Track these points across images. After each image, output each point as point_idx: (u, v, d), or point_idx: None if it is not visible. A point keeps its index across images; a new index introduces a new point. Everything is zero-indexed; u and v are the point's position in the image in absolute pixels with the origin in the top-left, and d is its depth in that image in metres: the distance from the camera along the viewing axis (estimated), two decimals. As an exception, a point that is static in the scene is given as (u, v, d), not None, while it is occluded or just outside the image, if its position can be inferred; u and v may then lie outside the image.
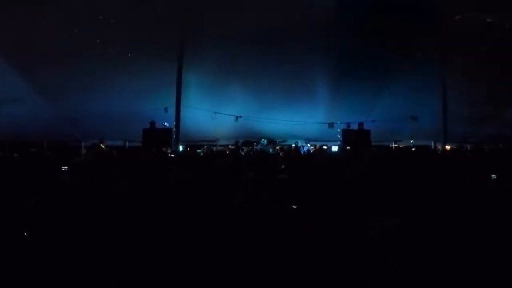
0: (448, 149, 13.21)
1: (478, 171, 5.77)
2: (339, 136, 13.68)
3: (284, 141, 15.25)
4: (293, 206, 4.00)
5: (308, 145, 14.53)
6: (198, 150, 12.56)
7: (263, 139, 14.22)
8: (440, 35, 12.98)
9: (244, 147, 13.75)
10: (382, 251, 2.78)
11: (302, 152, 12.65)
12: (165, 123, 12.98)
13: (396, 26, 12.61)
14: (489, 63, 12.54)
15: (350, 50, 13.01)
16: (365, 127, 13.32)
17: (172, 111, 13.15)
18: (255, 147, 14.00)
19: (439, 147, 13.85)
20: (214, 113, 13.94)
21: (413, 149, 12.81)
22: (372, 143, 13.20)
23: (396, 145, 14.15)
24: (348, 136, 13.24)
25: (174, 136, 12.88)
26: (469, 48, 12.65)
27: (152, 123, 12.67)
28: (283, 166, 6.29)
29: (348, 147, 12.70)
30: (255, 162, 6.54)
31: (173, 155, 10.41)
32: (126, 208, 4.23)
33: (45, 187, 4.33)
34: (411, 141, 13.84)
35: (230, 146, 14.21)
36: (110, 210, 4.08)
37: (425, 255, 2.68)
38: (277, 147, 14.41)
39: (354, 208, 3.83)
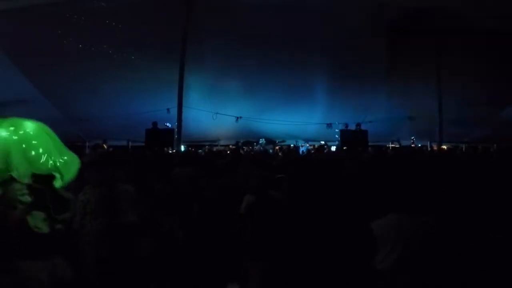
0: (444, 149, 13.40)
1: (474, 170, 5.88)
2: (337, 136, 13.87)
3: (283, 141, 15.45)
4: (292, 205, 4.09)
5: (307, 145, 14.73)
6: (199, 151, 12.75)
7: (261, 139, 14.40)
8: (436, 36, 13.22)
9: (244, 147, 13.96)
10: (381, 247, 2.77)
11: (300, 152, 12.89)
12: (167, 124, 13.19)
13: (393, 27, 12.86)
14: (485, 64, 12.72)
15: (348, 51, 13.25)
16: (363, 127, 13.53)
17: (174, 112, 13.29)
18: (255, 147, 14.19)
19: (435, 147, 14.06)
20: (215, 114, 14.13)
21: (410, 149, 13.05)
22: (370, 143, 13.43)
23: (393, 145, 14.37)
24: (346, 136, 13.43)
25: (176, 136, 13.07)
26: (465, 48, 12.85)
27: (155, 124, 12.86)
28: (278, 165, 6.39)
29: (345, 147, 12.92)
30: (255, 161, 6.70)
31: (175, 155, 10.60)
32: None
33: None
34: (412, 140, 14.00)
35: (230, 146, 14.42)
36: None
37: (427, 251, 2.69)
38: (276, 147, 14.62)
39: (353, 206, 3.86)
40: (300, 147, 14.07)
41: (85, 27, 12.09)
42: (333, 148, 14.05)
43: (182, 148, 13.38)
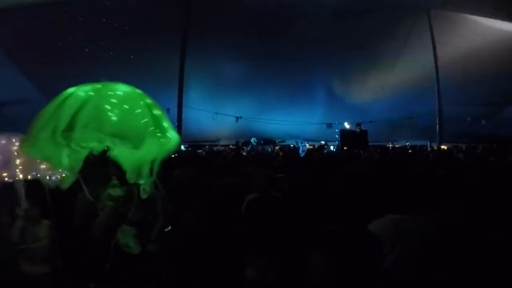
0: (444, 149, 13.40)
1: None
2: (337, 136, 13.87)
3: (283, 141, 15.45)
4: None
5: (307, 144, 14.72)
6: (198, 151, 12.73)
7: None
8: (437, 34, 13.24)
9: (244, 147, 13.94)
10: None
11: (301, 151, 12.87)
12: (167, 124, 13.17)
13: (393, 27, 12.88)
14: (486, 64, 12.73)
15: (349, 51, 13.26)
16: (363, 127, 13.51)
17: (174, 112, 13.26)
18: (249, 148, 14.15)
19: (435, 147, 14.06)
20: (215, 114, 14.12)
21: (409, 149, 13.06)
22: (370, 143, 13.42)
23: (392, 145, 14.38)
24: (346, 136, 13.42)
25: (176, 136, 13.02)
26: (465, 48, 12.86)
27: (155, 124, 12.83)
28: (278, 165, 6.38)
29: (345, 147, 12.92)
30: (255, 161, 6.69)
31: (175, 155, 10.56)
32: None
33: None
34: (408, 145, 14.05)
35: (231, 146, 14.41)
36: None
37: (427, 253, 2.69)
38: (276, 147, 14.61)
39: (352, 206, 3.74)
40: (300, 147, 14.05)
41: (85, 27, 12.08)
42: (333, 148, 14.06)
43: (182, 148, 13.36)
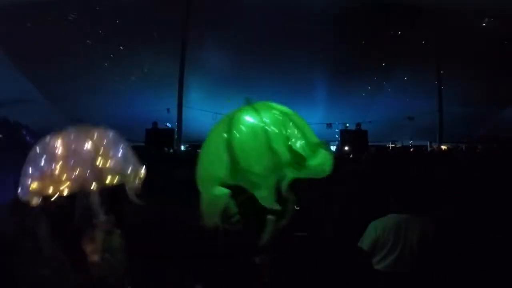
0: (444, 149, 13.37)
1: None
2: (337, 136, 13.87)
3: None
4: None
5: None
6: (198, 151, 12.70)
7: None
8: (437, 35, 13.24)
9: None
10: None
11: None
12: (168, 124, 13.18)
13: (393, 27, 12.89)
14: (486, 63, 12.72)
15: (349, 51, 13.26)
16: (363, 127, 13.51)
17: (174, 112, 13.30)
18: None
19: (435, 147, 14.04)
20: (215, 114, 14.10)
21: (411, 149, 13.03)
22: (370, 143, 13.41)
23: (393, 145, 14.35)
24: (346, 136, 13.41)
25: (176, 136, 13.03)
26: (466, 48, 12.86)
27: (155, 124, 12.84)
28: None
29: (345, 147, 12.92)
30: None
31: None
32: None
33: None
34: (410, 142, 14.07)
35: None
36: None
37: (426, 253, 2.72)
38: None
39: (352, 206, 3.87)
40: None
41: (85, 27, 12.10)
42: (333, 148, 14.03)
43: (182, 148, 13.36)
